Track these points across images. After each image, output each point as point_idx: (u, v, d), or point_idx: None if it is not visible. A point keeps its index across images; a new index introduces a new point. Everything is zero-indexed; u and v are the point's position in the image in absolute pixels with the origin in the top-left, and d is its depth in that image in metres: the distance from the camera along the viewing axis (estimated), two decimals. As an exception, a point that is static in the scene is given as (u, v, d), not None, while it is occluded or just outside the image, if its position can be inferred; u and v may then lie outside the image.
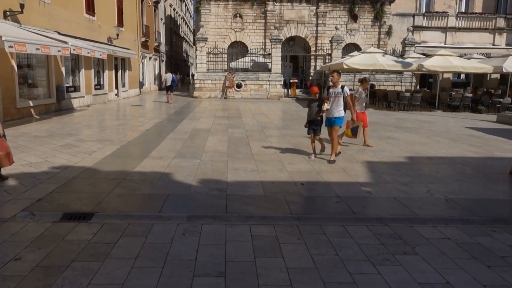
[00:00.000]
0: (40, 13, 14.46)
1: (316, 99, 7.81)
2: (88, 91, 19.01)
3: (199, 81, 25.62)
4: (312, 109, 7.84)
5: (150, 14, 32.15)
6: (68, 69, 17.32)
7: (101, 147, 8.80)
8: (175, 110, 18.01)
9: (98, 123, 13.44)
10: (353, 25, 29.88)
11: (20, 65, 13.49)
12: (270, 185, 6.19)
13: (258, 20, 29.60)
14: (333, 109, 7.71)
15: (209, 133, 11.25)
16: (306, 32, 29.92)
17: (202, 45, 25.35)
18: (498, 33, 30.42)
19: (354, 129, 9.24)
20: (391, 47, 27.73)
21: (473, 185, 6.48)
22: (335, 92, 7.71)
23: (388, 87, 25.35)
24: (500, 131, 13.25)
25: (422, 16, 30.13)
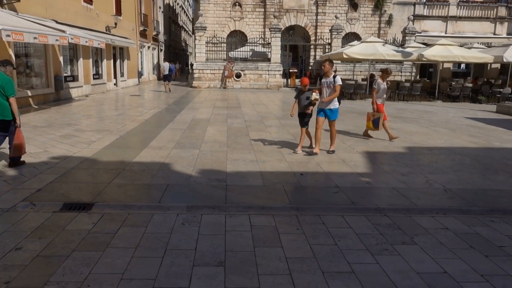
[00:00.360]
0: (37, 1, 14.33)
1: (306, 90, 7.58)
2: (86, 80, 18.93)
3: (198, 71, 25.51)
4: (301, 101, 7.60)
5: (148, 3, 31.87)
6: (66, 58, 17.22)
7: (100, 137, 8.79)
8: (174, 100, 17.96)
9: (97, 113, 13.41)
10: (353, 14, 29.69)
11: (17, 54, 13.41)
12: (269, 175, 6.20)
13: (257, 9, 29.39)
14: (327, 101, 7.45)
15: (208, 123, 11.24)
16: (305, 21, 29.73)
17: (201, 34, 25.19)
18: (499, 22, 30.26)
19: (375, 121, 9.04)
20: (391, 37, 27.60)
21: (472, 175, 6.50)
22: (328, 82, 7.40)
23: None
24: (499, 121, 13.25)
25: (423, 5, 29.93)
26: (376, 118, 9.04)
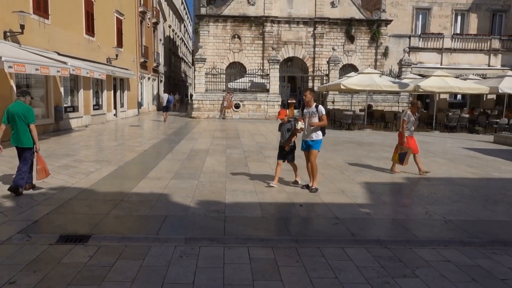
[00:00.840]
0: (40, 34, 14.63)
1: (286, 122, 7.33)
2: (86, 111, 19.08)
3: (197, 102, 25.76)
4: (283, 133, 7.33)
5: (149, 35, 32.55)
6: (67, 89, 17.41)
7: (99, 168, 8.78)
8: (173, 130, 18.05)
9: (96, 143, 13.44)
10: (350, 46, 30.31)
11: (18, 85, 13.54)
12: (268, 206, 6.15)
13: (256, 41, 30.01)
14: (310, 132, 7.01)
15: (207, 153, 11.25)
16: (303, 53, 30.31)
17: (201, 65, 25.60)
18: (493, 54, 30.89)
19: (401, 155, 8.69)
20: (388, 68, 28.08)
21: (472, 206, 6.46)
22: (310, 112, 7.01)
23: (386, 108, 25.54)
24: (497, 151, 13.30)
25: (418, 38, 30.62)
26: (404, 152, 8.68)
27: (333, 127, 21.20)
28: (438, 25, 30.95)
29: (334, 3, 29.79)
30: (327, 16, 29.74)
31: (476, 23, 31.22)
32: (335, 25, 30.01)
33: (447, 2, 30.80)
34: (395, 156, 8.91)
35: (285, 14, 29.79)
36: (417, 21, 31.19)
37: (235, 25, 29.78)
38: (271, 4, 29.58)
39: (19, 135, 6.46)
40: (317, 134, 7.02)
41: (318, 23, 29.75)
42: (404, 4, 30.65)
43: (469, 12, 31.07)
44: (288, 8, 29.84)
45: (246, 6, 29.71)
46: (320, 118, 6.91)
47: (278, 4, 29.75)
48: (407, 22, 30.84)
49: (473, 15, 31.12)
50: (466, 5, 30.91)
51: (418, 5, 30.77)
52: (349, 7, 30.07)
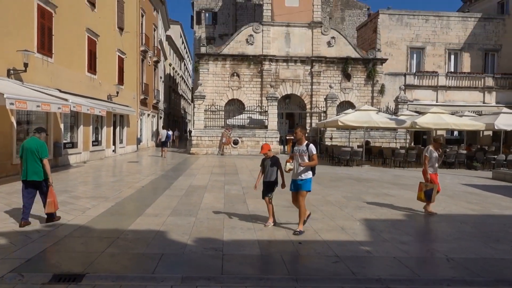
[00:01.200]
0: (43, 71, 14.90)
1: (269, 157, 7.06)
2: (85, 147, 19.12)
3: (196, 138, 25.90)
4: (266, 168, 7.05)
5: (150, 73, 33.17)
6: (67, 125, 17.53)
7: (96, 204, 8.69)
8: (171, 166, 18.03)
9: (94, 179, 13.37)
10: (346, 83, 30.86)
11: (19, 121, 13.66)
12: (267, 244, 6.05)
13: (254, 78, 30.57)
14: (299, 171, 6.66)
15: (205, 190, 11.19)
16: (301, 90, 30.81)
17: (200, 102, 25.93)
18: (487, 91, 31.45)
19: (428, 192, 8.37)
20: (385, 105, 28.47)
21: (474, 243, 6.37)
22: (300, 150, 6.71)
23: (383, 144, 25.70)
24: (496, 188, 13.25)
25: (413, 76, 31.26)
26: (429, 189, 8.40)
27: (331, 163, 21.21)
28: (432, 64, 31.68)
29: (330, 42, 30.61)
30: (324, 55, 30.48)
31: (469, 62, 31.98)
32: (331, 64, 30.70)
33: (440, 42, 31.69)
34: (420, 195, 8.56)
35: (283, 53, 30.53)
36: (412, 60, 31.94)
37: (234, 63, 30.45)
38: (269, 44, 30.37)
39: (29, 168, 6.73)
40: (307, 173, 6.70)
41: (315, 62, 30.43)
42: (398, 44, 31.50)
43: (461, 51, 31.91)
44: (286, 47, 30.62)
45: (245, 45, 30.49)
46: (311, 157, 6.63)
47: (276, 43, 30.55)
48: (402, 61, 31.58)
49: (466, 54, 31.93)
50: (459, 44, 31.79)
51: (412, 44, 31.63)
52: (345, 46, 30.88)
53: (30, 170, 6.71)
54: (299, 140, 6.81)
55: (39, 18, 14.49)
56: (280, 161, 7.07)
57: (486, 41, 31.96)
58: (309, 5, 30.54)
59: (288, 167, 6.73)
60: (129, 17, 25.87)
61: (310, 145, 6.69)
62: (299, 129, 6.83)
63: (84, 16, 18.75)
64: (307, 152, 6.64)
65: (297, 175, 6.71)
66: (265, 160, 7.11)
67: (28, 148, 6.72)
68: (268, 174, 7.04)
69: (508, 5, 32.23)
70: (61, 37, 16.20)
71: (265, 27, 30.40)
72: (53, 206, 6.87)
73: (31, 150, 6.70)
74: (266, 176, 7.08)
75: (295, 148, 6.88)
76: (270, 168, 7.01)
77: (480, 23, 31.87)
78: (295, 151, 6.85)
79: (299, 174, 6.69)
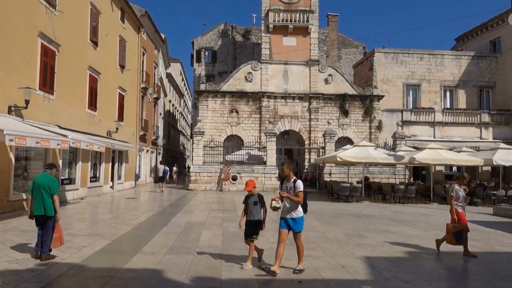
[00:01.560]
0: (43, 108, 15.05)
1: (253, 194, 6.76)
2: (83, 183, 19.00)
3: (194, 174, 25.82)
4: (249, 206, 6.74)
5: (150, 109, 33.51)
6: (65, 161, 17.50)
7: (92, 242, 8.53)
8: (169, 202, 17.86)
9: (90, 216, 13.20)
10: (344, 120, 31.16)
11: (18, 158, 13.64)
12: (266, 283, 5.90)
13: (253, 115, 30.88)
14: (289, 208, 6.41)
15: (203, 226, 11.03)
16: (299, 126, 31.06)
17: (199, 138, 26.06)
18: (484, 127, 31.72)
19: (457, 234, 7.95)
20: (383, 141, 28.63)
21: (478, 282, 6.22)
22: (288, 186, 6.45)
23: (383, 180, 25.61)
24: (498, 224, 13.11)
25: (410, 112, 31.62)
26: (459, 230, 7.99)
27: (331, 199, 21.06)
28: (429, 100, 32.14)
29: (328, 80, 31.18)
30: (322, 92, 30.98)
31: (465, 98, 32.48)
32: (329, 100, 31.12)
33: (435, 79, 32.31)
34: (450, 237, 8.10)
35: (281, 90, 31.02)
36: (408, 96, 32.41)
37: (233, 100, 30.86)
38: (267, 81, 30.93)
39: (41, 204, 6.92)
40: (298, 211, 6.38)
41: (313, 98, 30.87)
42: (394, 81, 32.08)
43: (456, 88, 32.47)
44: (284, 84, 31.15)
45: (244, 82, 31.02)
46: (296, 194, 6.30)
47: (274, 81, 31.11)
48: (399, 97, 32.05)
49: (461, 91, 32.48)
50: (454, 81, 32.40)
51: (408, 81, 32.21)
52: (342, 83, 31.44)
53: (41, 204, 6.89)
54: (287, 177, 6.56)
55: (42, 56, 14.79)
56: (265, 199, 6.79)
57: (480, 78, 32.60)
58: (306, 44, 31.36)
59: (273, 205, 6.38)
60: (130, 56, 26.44)
61: (297, 181, 6.42)
62: (286, 165, 6.55)
63: (86, 55, 19.17)
64: (293, 189, 6.39)
65: (286, 212, 6.42)
66: (249, 197, 6.79)
67: (41, 184, 6.94)
68: (252, 213, 6.69)
69: (500, 44, 33.12)
70: (63, 74, 16.48)
71: (263, 65, 31.06)
72: (59, 241, 6.99)
73: (43, 186, 6.92)
74: (249, 214, 6.72)
75: (283, 186, 6.63)
76: (254, 206, 6.68)
77: (474, 61, 32.64)
78: (283, 188, 6.58)
79: (288, 211, 6.40)
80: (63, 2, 16.41)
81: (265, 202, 6.75)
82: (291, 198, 6.30)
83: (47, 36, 15.07)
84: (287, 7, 31.33)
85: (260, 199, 6.72)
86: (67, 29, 16.87)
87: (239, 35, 42.45)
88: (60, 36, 16.12)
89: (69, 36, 17.08)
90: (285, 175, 6.55)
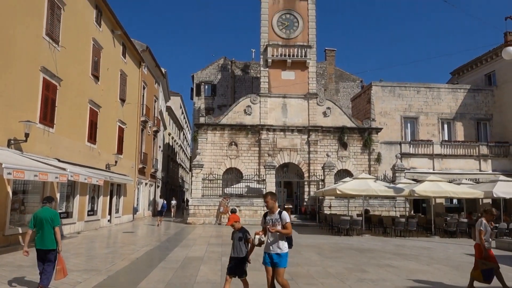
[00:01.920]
0: (43, 141, 15.09)
1: (238, 229, 6.37)
2: (80, 217, 18.79)
3: (193, 207, 25.60)
4: (234, 241, 6.35)
5: (149, 142, 33.63)
6: (63, 194, 17.37)
7: (87, 278, 8.34)
8: (167, 236, 17.60)
9: (87, 251, 12.97)
10: (343, 152, 31.22)
11: (15, 191, 13.55)
12: (266, 320, 5.73)
13: (252, 148, 30.96)
14: (273, 242, 6.05)
15: (201, 261, 10.83)
16: (298, 159, 31.07)
17: (198, 171, 26.00)
18: (483, 159, 31.72)
19: (486, 271, 7.60)
20: (382, 173, 28.58)
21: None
22: (273, 219, 6.09)
23: (383, 212, 25.38)
24: (501, 258, 12.85)
25: (408, 144, 31.72)
26: (489, 268, 7.64)
27: (331, 232, 20.79)
28: (427, 133, 32.33)
29: (326, 113, 31.48)
30: (320, 124, 31.21)
31: (462, 131, 32.68)
32: (328, 133, 31.30)
33: (432, 112, 32.64)
34: (476, 273, 7.77)
35: (280, 123, 31.25)
36: (406, 129, 32.62)
37: (232, 133, 31.02)
38: (266, 114, 31.21)
39: (45, 238, 6.97)
40: (282, 246, 6.03)
41: (311, 131, 31.05)
42: (392, 114, 32.39)
43: (454, 120, 32.75)
44: (283, 117, 31.42)
45: (243, 115, 31.30)
46: (284, 226, 6.00)
47: (273, 114, 31.41)
48: (397, 130, 32.25)
49: (459, 123, 32.74)
50: (451, 114, 32.72)
51: (406, 114, 32.51)
52: (340, 116, 31.72)
53: (46, 238, 6.95)
54: (271, 209, 6.17)
55: (43, 90, 14.98)
56: (249, 233, 6.41)
57: (477, 110, 32.95)
58: (304, 78, 31.89)
59: (257, 239, 6.02)
60: (131, 89, 26.81)
61: (283, 212, 6.11)
62: (270, 197, 6.14)
63: (87, 88, 19.43)
64: (280, 221, 6.04)
65: (271, 246, 6.06)
66: (234, 233, 6.43)
67: (43, 218, 7.02)
68: (237, 249, 6.27)
69: (495, 77, 33.70)
70: (63, 108, 16.64)
71: (262, 98, 31.44)
72: (63, 273, 7.02)
73: (46, 219, 7.01)
74: (234, 251, 6.29)
75: (267, 218, 6.21)
76: (238, 242, 6.27)
77: (470, 94, 33.10)
78: (267, 221, 6.17)
79: (273, 246, 6.04)
80: (66, 38, 16.81)
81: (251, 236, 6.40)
82: (281, 232, 5.97)
83: (49, 70, 15.33)
84: (285, 42, 32.08)
85: (244, 234, 6.33)
86: (69, 64, 17.18)
87: (239, 69, 43.22)
88: (62, 70, 16.40)
89: (71, 70, 17.38)
90: (269, 207, 6.17)
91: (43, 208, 7.31)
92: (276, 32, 32.28)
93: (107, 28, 22.18)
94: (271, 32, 32.24)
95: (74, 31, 17.70)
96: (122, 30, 23.96)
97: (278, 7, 32.53)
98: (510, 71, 31.47)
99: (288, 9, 32.61)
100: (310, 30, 32.39)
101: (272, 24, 32.32)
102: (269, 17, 32.34)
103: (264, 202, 6.24)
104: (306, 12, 32.55)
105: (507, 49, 11.44)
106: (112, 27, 22.98)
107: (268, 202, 6.14)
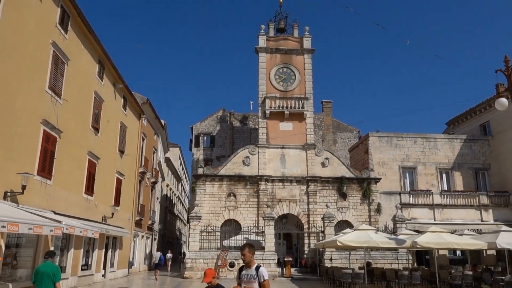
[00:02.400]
0: (39, 193, 14.95)
1: (213, 286, 5.84)
2: (74, 272, 18.19)
3: (190, 260, 24.91)
4: None
5: (147, 194, 33.35)
6: (57, 247, 16.92)
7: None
8: (163, 292, 16.96)
9: (78, 308, 12.44)
10: (343, 202, 30.92)
11: (8, 245, 13.22)
12: None
13: (251, 198, 30.68)
14: None
15: (198, 318, 10.35)
16: (298, 209, 30.71)
17: (196, 223, 25.60)
18: (484, 209, 31.39)
19: None
20: (383, 224, 28.14)
21: None
22: (248, 275, 5.61)
23: (385, 265, 24.70)
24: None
25: (408, 194, 31.52)
26: None
27: (333, 286, 20.11)
28: (426, 182, 32.24)
29: (324, 163, 31.56)
30: (319, 175, 31.16)
31: (461, 180, 32.61)
32: (327, 183, 31.18)
33: (430, 161, 32.76)
34: None
35: (279, 174, 31.21)
36: (405, 179, 32.56)
37: (231, 184, 30.88)
38: (265, 165, 31.26)
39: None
40: None
41: (310, 182, 30.94)
42: (390, 164, 32.48)
43: (452, 170, 32.78)
44: (282, 168, 31.44)
45: (242, 166, 31.33)
46: (261, 284, 5.47)
47: (271, 164, 31.46)
48: (396, 180, 32.17)
49: (457, 173, 32.74)
50: (449, 164, 32.81)
51: (404, 164, 32.60)
52: (339, 166, 31.77)
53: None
54: (247, 264, 5.69)
55: (43, 142, 15.08)
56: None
57: (474, 160, 33.08)
58: (302, 129, 32.30)
59: None
60: (130, 141, 27.03)
61: (261, 268, 5.63)
62: (247, 249, 5.69)
63: (87, 140, 19.59)
64: (256, 278, 5.52)
65: None
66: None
67: (45, 272, 7.11)
68: None
69: (490, 127, 34.20)
70: (62, 159, 16.67)
71: (260, 149, 31.64)
72: None
73: (48, 274, 7.06)
74: None
75: (242, 273, 5.74)
76: None
77: (466, 144, 33.40)
78: (242, 276, 5.70)
79: None
80: (68, 91, 17.19)
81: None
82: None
83: (50, 123, 15.53)
84: (283, 95, 32.83)
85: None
86: (70, 116, 17.44)
87: (237, 121, 43.87)
88: (63, 123, 16.62)
89: (71, 123, 17.61)
90: (246, 261, 5.69)
91: (46, 262, 7.33)
92: (273, 85, 33.15)
93: (108, 81, 22.76)
94: (269, 85, 33.11)
95: (76, 85, 18.14)
96: (124, 84, 24.58)
97: (275, 61, 33.64)
98: (504, 121, 32.00)
99: (285, 63, 33.72)
100: (307, 82, 33.28)
101: (269, 77, 33.26)
102: (267, 71, 33.34)
103: (241, 255, 5.69)
104: (302, 66, 33.62)
105: (499, 100, 11.71)
106: (114, 80, 23.60)
107: (245, 255, 5.64)
